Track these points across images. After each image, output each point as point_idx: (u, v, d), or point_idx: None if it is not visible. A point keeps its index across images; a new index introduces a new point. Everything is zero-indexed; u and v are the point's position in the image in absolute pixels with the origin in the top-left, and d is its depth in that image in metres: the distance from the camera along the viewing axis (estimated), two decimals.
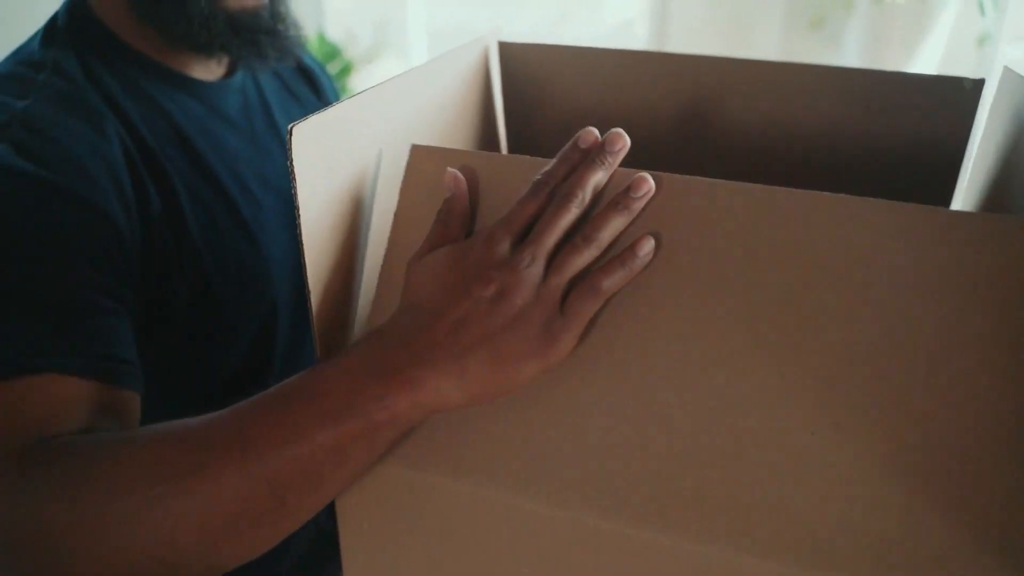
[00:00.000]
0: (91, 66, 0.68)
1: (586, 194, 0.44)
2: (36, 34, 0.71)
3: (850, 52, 2.09)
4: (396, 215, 0.51)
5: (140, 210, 0.64)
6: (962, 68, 2.04)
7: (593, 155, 0.45)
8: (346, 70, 2.26)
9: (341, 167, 0.46)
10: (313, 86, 0.93)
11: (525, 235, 0.45)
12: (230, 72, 0.80)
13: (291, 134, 0.40)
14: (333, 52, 2.24)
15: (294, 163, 0.40)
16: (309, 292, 0.45)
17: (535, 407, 0.45)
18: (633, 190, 0.44)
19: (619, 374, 0.44)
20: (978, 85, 0.59)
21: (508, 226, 0.45)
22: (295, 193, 0.41)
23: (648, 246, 0.44)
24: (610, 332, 0.44)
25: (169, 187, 0.68)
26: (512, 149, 0.78)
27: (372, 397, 0.42)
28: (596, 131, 0.46)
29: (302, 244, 0.43)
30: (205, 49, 0.72)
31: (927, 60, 2.01)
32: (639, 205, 0.45)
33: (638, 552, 0.42)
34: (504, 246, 0.44)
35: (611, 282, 0.44)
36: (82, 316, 0.54)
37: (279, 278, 0.78)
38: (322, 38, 2.24)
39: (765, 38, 2.49)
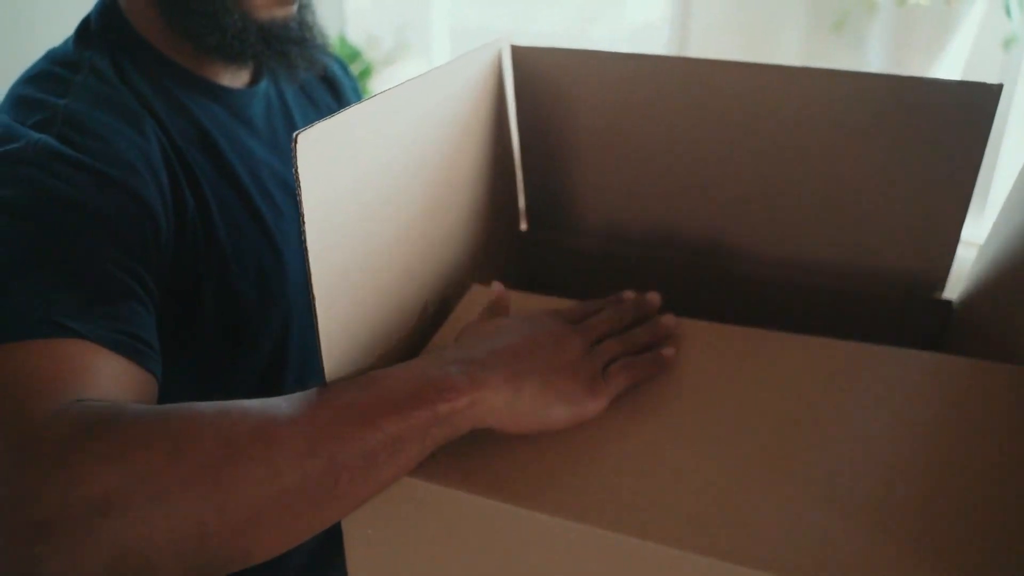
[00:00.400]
0: (124, 68, 0.70)
1: (628, 318, 0.58)
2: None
3: (873, 55, 2.06)
4: None
5: (176, 208, 0.66)
6: (987, 71, 2.01)
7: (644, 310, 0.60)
8: (367, 72, 2.27)
9: (347, 174, 0.46)
10: (334, 91, 0.94)
11: None
12: (255, 79, 0.81)
13: (296, 141, 0.40)
14: (354, 54, 2.25)
15: (299, 170, 0.40)
16: (314, 298, 0.45)
17: None
18: (664, 325, 0.58)
19: (631, 422, 0.51)
20: (996, 90, 0.58)
21: (567, 312, 0.56)
22: (300, 200, 0.41)
23: (670, 352, 0.54)
24: (629, 404, 0.51)
25: (199, 189, 0.69)
26: (524, 156, 0.78)
27: (437, 389, 0.44)
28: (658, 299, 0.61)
29: (307, 251, 0.43)
30: (237, 59, 0.74)
31: (951, 63, 1.99)
32: (662, 333, 0.57)
33: (644, 563, 0.42)
34: (564, 322, 0.54)
35: (643, 364, 0.53)
36: (115, 295, 0.55)
37: (296, 284, 0.78)
38: (343, 40, 2.25)
39: (787, 40, 2.47)
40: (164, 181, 0.65)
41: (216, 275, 0.70)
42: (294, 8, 0.75)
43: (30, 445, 0.40)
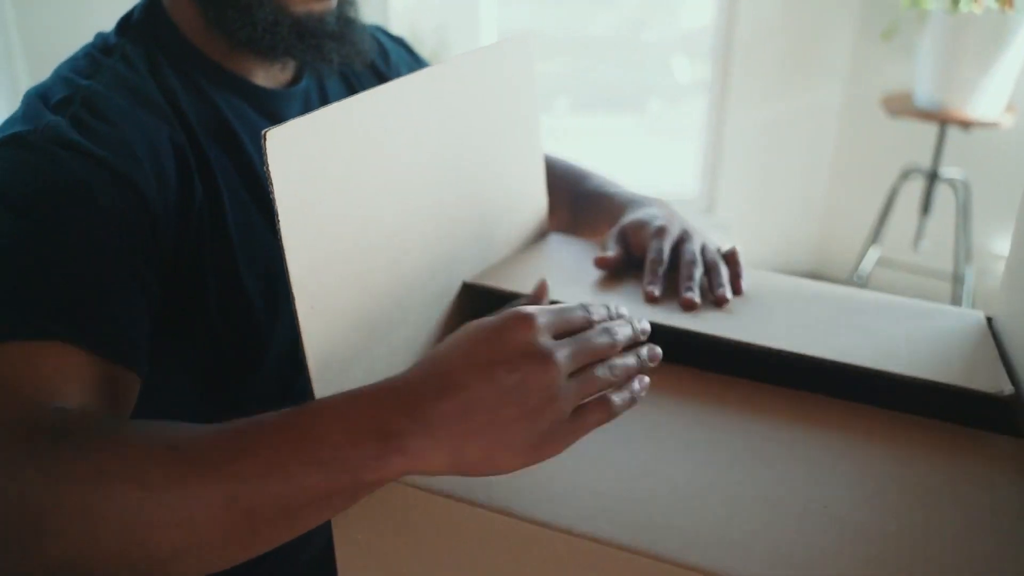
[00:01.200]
0: (157, 61, 0.71)
1: (620, 343, 0.49)
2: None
3: (923, 63, 2.01)
4: None
5: (182, 198, 0.66)
6: None
7: (639, 337, 0.51)
8: None
9: (322, 173, 0.46)
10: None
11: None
12: (296, 79, 0.81)
13: (266, 138, 0.39)
14: None
15: (270, 168, 0.40)
16: (294, 299, 0.44)
17: None
18: (652, 358, 0.51)
19: (626, 430, 0.51)
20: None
21: (550, 325, 0.46)
22: (273, 199, 0.41)
23: (646, 382, 0.49)
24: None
25: (212, 182, 0.70)
26: None
27: (367, 457, 0.42)
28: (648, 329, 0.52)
29: (283, 249, 0.43)
30: (268, 54, 0.74)
31: (1005, 72, 1.92)
32: (650, 365, 0.50)
33: (632, 570, 0.42)
34: (543, 339, 0.45)
35: (620, 401, 0.47)
36: (102, 291, 0.56)
37: None
38: None
39: (835, 48, 2.42)
40: (170, 169, 0.65)
41: (222, 267, 0.70)
42: (333, 2, 0.74)
43: None
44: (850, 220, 2.52)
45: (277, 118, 0.77)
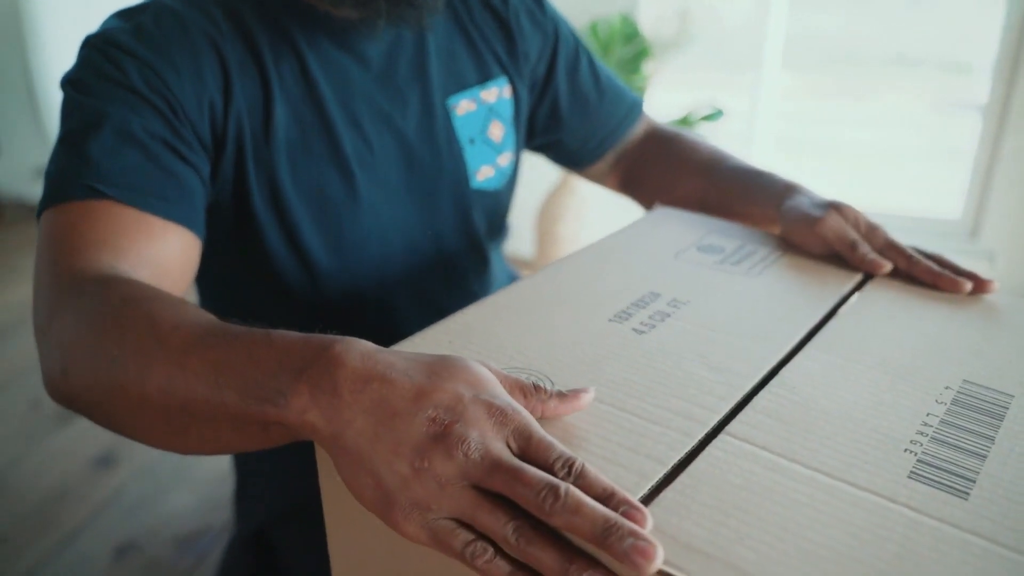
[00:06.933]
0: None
1: (554, 515, 0.37)
2: None
3: None
4: None
5: (226, 102, 0.71)
6: None
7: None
8: (643, 54, 2.19)
9: None
10: (507, 36, 0.89)
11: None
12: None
13: None
14: (632, 34, 2.18)
15: None
16: None
17: None
18: None
19: None
20: None
21: (521, 433, 0.41)
22: None
23: None
24: None
25: (268, 96, 0.73)
26: None
27: (273, 391, 0.43)
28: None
29: None
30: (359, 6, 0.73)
31: None
32: None
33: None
34: (495, 442, 0.40)
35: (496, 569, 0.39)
36: (148, 160, 0.65)
37: (372, 216, 0.80)
38: (625, 19, 2.19)
39: None
40: (211, 79, 0.70)
41: (264, 176, 0.74)
42: None
43: (51, 292, 0.58)
44: None
45: (353, 49, 0.78)
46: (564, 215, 2.33)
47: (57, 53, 2.83)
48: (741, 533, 0.39)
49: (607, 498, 0.38)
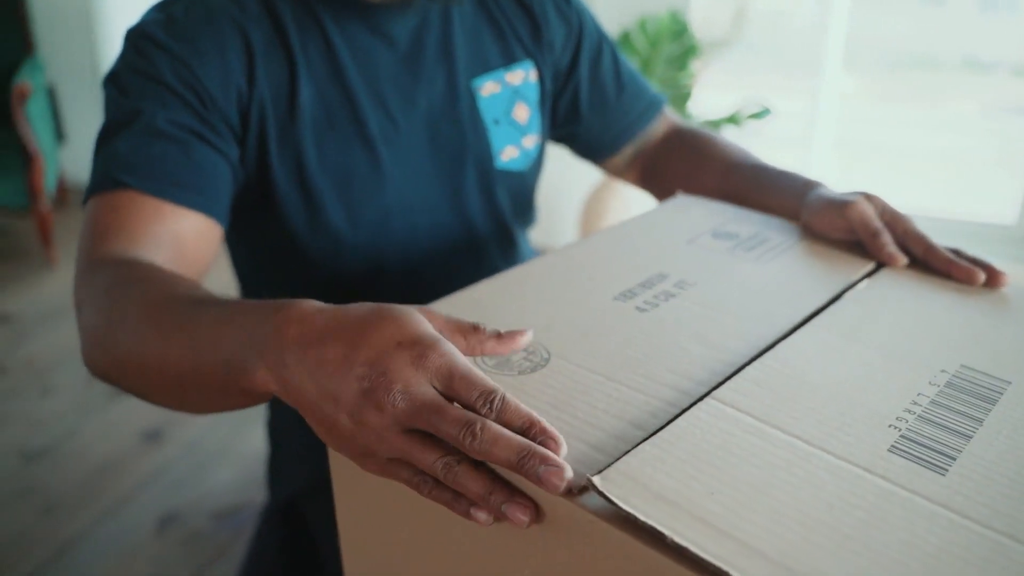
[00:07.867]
0: None
1: (475, 448, 0.41)
2: None
3: None
4: None
5: (250, 85, 0.75)
6: None
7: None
8: (691, 51, 2.18)
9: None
10: (531, 18, 0.90)
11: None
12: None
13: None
14: (680, 30, 2.17)
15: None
16: None
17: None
18: (511, 515, 0.42)
19: None
20: None
21: (442, 372, 0.44)
22: None
23: (481, 518, 0.43)
24: None
25: (292, 73, 0.77)
26: None
27: (243, 359, 0.49)
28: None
29: None
30: None
31: None
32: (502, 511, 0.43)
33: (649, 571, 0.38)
34: (419, 384, 0.43)
35: (435, 495, 0.44)
36: (174, 149, 0.70)
37: (396, 193, 0.83)
38: (674, 16, 2.18)
39: None
40: (236, 64, 0.74)
41: (288, 156, 0.78)
42: None
43: (78, 279, 0.66)
44: None
45: (381, 30, 0.80)
46: (607, 213, 2.33)
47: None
48: (711, 488, 0.40)
49: (527, 428, 0.42)
